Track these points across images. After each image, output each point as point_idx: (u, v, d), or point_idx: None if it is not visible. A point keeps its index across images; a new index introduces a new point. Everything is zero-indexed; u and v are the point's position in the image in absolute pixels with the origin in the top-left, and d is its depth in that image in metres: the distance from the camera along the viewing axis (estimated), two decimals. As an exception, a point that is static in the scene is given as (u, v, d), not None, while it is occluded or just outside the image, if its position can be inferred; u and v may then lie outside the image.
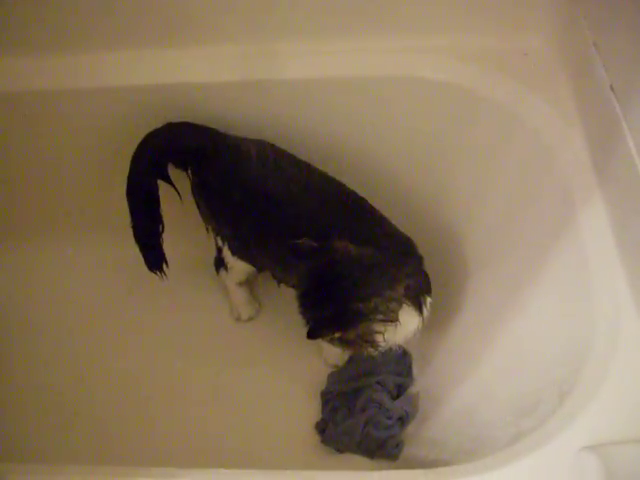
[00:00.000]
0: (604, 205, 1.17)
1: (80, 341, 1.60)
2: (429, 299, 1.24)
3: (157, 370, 1.54)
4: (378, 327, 1.13)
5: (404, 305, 1.17)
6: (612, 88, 1.18)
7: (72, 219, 1.70)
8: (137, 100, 1.45)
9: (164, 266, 1.45)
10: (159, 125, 1.40)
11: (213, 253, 1.53)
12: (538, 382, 1.12)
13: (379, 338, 1.15)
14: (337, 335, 1.13)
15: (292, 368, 1.52)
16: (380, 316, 1.11)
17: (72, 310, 1.65)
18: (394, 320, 1.13)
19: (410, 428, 1.40)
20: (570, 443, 0.92)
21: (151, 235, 1.43)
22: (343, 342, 1.17)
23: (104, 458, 1.34)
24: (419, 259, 1.26)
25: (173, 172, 1.42)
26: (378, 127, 1.48)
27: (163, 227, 1.43)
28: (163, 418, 1.47)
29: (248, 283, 1.58)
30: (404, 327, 1.18)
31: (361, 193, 1.32)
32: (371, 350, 1.18)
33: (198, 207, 1.45)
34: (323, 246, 1.14)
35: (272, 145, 1.38)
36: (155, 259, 1.45)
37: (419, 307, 1.22)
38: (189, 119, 1.42)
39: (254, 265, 1.46)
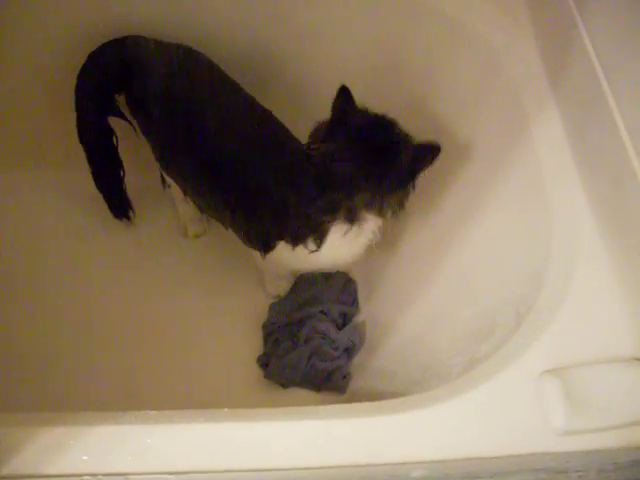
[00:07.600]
0: (559, 116, 1.11)
1: (36, 266, 1.48)
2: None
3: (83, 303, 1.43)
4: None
5: None
6: (569, -12, 1.10)
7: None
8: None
9: (130, 212, 1.44)
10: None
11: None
12: (493, 304, 1.06)
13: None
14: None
15: (231, 300, 1.43)
16: None
17: (26, 236, 1.52)
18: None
19: (357, 359, 1.34)
20: (530, 368, 0.87)
21: (113, 182, 1.37)
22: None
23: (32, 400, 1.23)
24: None
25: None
26: (310, 35, 1.36)
27: (124, 171, 1.37)
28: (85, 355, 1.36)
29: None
30: None
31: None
32: None
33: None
34: None
35: (198, 55, 1.25)
36: (120, 207, 1.42)
37: None
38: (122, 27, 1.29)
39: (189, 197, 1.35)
